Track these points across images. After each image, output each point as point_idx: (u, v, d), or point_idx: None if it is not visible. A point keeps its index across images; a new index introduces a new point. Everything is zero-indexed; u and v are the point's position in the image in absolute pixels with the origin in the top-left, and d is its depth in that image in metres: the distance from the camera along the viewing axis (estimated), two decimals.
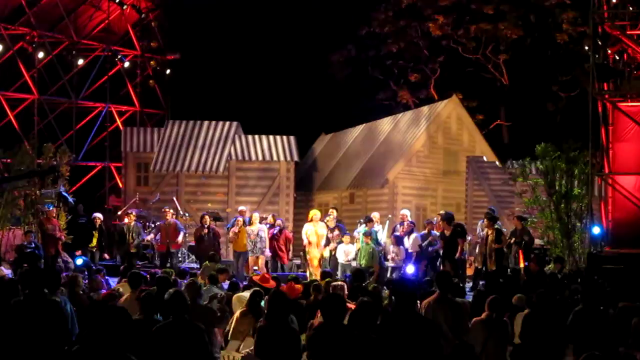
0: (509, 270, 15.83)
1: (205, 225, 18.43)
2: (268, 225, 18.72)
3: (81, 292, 10.64)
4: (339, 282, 10.35)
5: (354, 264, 17.35)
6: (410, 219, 18.74)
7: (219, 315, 9.58)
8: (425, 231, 18.08)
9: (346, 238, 17.73)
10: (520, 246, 17.13)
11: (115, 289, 10.75)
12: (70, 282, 10.78)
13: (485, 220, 17.46)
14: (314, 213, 18.61)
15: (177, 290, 7.31)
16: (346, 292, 9.97)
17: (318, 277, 14.95)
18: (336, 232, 18.17)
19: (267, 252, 18.23)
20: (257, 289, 9.94)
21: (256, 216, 18.56)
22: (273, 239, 18.51)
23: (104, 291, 11.76)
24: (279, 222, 19.10)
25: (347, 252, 17.57)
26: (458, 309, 8.06)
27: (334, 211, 19.04)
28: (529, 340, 8.43)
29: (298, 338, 7.37)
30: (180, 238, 18.63)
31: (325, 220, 18.43)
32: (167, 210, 19.14)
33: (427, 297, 8.44)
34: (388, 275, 17.01)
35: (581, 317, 7.98)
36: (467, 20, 31.45)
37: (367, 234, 17.49)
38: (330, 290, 10.03)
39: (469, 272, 18.27)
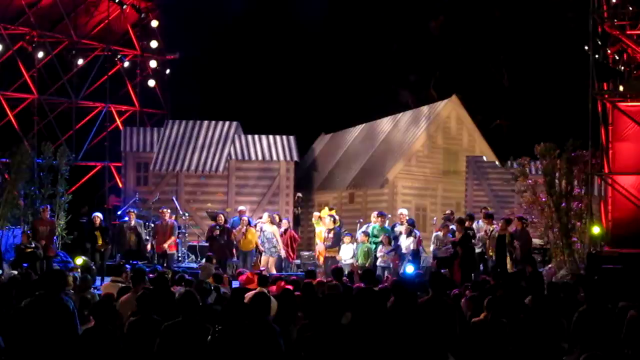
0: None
1: (218, 225, 18.44)
2: (282, 230, 18.77)
3: (71, 291, 10.62)
4: (334, 283, 10.29)
5: (353, 262, 17.41)
6: (408, 218, 18.65)
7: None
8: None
9: (347, 238, 17.76)
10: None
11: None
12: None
13: (502, 221, 17.35)
14: (325, 213, 18.64)
15: (188, 290, 7.36)
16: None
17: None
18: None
19: (282, 252, 18.28)
20: (238, 288, 9.99)
21: (265, 216, 18.59)
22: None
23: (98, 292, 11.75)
24: (284, 221, 19.17)
25: (346, 252, 17.62)
26: (451, 310, 8.04)
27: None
28: (530, 340, 8.42)
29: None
30: (172, 239, 18.59)
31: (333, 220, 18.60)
32: (165, 211, 19.12)
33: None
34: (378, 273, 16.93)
35: (585, 317, 7.96)
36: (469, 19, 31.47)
37: (365, 233, 17.53)
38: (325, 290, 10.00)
39: None
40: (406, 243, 17.39)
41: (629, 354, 7.89)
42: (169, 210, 19.37)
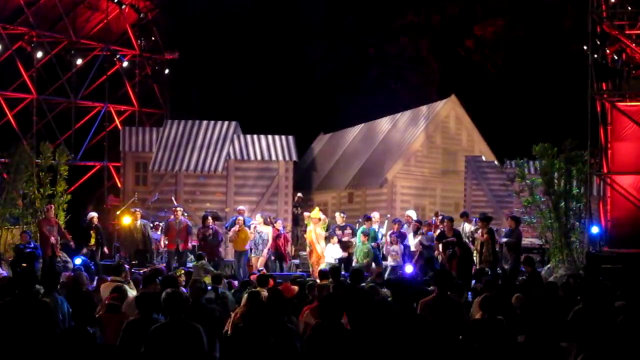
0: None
1: (210, 226, 18.42)
2: (283, 231, 18.85)
3: (85, 290, 10.62)
4: (325, 282, 10.25)
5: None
6: (415, 218, 18.70)
7: (219, 315, 9.55)
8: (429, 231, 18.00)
9: (334, 239, 17.65)
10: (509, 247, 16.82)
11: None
12: (74, 281, 10.78)
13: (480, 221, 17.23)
14: (317, 215, 18.49)
15: (174, 291, 7.28)
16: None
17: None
18: (347, 230, 18.15)
19: (265, 253, 18.22)
20: (253, 290, 9.92)
21: (258, 217, 18.59)
22: (276, 239, 18.59)
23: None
24: (278, 222, 19.13)
25: (331, 252, 17.50)
26: (458, 308, 8.00)
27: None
28: (530, 339, 8.43)
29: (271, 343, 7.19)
30: (189, 238, 18.78)
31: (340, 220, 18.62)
32: (178, 209, 19.14)
33: (424, 296, 8.40)
34: (387, 274, 16.94)
35: (581, 316, 7.96)
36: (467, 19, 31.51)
37: (365, 233, 17.47)
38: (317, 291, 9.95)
39: None
40: (415, 241, 17.45)
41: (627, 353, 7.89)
42: (181, 209, 19.43)
